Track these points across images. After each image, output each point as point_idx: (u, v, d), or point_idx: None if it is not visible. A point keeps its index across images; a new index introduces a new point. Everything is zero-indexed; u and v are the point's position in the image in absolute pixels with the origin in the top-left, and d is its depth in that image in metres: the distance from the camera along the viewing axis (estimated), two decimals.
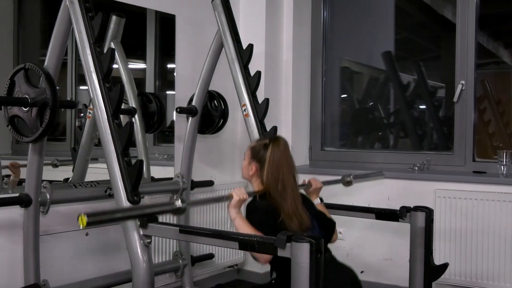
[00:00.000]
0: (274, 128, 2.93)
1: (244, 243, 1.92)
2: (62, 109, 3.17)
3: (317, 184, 2.65)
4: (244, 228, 2.20)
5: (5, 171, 2.70)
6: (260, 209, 2.30)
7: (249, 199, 2.34)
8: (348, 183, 2.87)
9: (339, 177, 2.88)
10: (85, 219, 1.74)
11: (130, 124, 2.17)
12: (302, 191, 2.57)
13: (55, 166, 3.02)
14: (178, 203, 2.03)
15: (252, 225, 2.21)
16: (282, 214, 2.28)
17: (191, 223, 3.37)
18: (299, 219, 2.31)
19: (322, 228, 2.45)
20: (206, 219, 3.61)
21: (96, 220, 1.77)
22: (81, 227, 1.75)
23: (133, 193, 2.12)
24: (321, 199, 2.68)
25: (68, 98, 3.21)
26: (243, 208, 2.34)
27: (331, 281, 2.14)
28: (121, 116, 3.13)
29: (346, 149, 4.11)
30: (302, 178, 2.62)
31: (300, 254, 1.76)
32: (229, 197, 2.27)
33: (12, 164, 2.72)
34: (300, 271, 1.76)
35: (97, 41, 2.23)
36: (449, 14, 3.85)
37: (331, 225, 2.53)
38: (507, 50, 4.06)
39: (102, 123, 2.17)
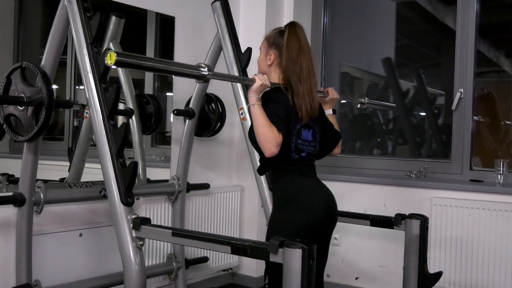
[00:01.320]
0: None
1: (237, 247, 1.90)
2: (61, 109, 3.17)
3: (334, 94, 2.66)
4: (260, 116, 2.19)
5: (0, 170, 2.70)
6: (277, 100, 2.27)
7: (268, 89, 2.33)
8: (362, 104, 2.86)
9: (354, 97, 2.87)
10: (114, 56, 1.73)
11: (125, 126, 2.16)
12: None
13: None
14: (205, 70, 2.09)
15: (267, 114, 2.21)
16: (295, 100, 2.27)
17: (186, 227, 3.36)
18: (311, 100, 2.29)
19: (323, 139, 2.45)
20: (202, 223, 3.61)
21: (124, 61, 1.76)
22: (109, 63, 1.75)
23: (127, 194, 2.11)
24: (334, 111, 2.68)
25: (67, 98, 3.20)
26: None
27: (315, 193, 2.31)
28: (119, 117, 3.16)
29: (344, 155, 4.10)
30: None
31: (292, 260, 1.75)
32: (251, 81, 2.26)
33: None
34: (291, 277, 1.75)
35: (94, 41, 2.22)
36: (450, 22, 3.84)
37: (336, 137, 2.53)
38: (508, 59, 4.05)
39: (97, 123, 2.16)
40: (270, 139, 2.17)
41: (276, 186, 2.39)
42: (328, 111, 2.62)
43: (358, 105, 3.05)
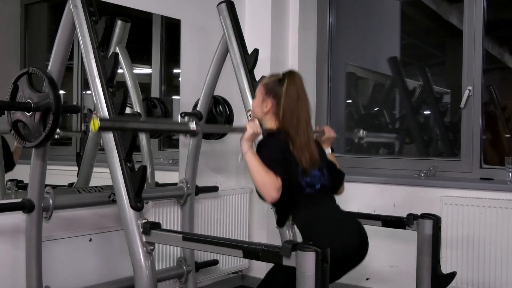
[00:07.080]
0: None
1: (248, 251, 1.88)
2: (68, 114, 3.17)
3: (330, 133, 2.64)
4: (254, 163, 2.19)
5: (9, 176, 2.69)
6: (271, 145, 2.27)
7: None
8: (360, 138, 2.86)
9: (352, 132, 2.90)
10: (97, 123, 1.71)
11: None
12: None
13: None
14: (193, 125, 2.04)
15: (262, 160, 2.20)
16: (293, 150, 2.27)
17: (195, 230, 3.35)
18: (310, 152, 2.29)
19: (330, 177, 2.43)
20: (211, 226, 3.60)
21: (108, 125, 1.73)
22: (92, 131, 1.72)
23: (136, 199, 2.10)
24: (332, 149, 2.67)
25: (74, 103, 3.20)
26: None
27: (343, 229, 2.27)
28: None
29: (351, 154, 4.08)
30: None
31: (306, 263, 1.73)
32: (243, 129, 2.26)
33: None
34: (305, 281, 1.73)
35: (100, 45, 2.21)
36: (455, 20, 3.83)
37: (340, 176, 2.52)
38: None
39: None
40: (269, 184, 2.15)
41: (302, 231, 2.32)
42: (327, 150, 2.62)
43: (356, 140, 3.02)
